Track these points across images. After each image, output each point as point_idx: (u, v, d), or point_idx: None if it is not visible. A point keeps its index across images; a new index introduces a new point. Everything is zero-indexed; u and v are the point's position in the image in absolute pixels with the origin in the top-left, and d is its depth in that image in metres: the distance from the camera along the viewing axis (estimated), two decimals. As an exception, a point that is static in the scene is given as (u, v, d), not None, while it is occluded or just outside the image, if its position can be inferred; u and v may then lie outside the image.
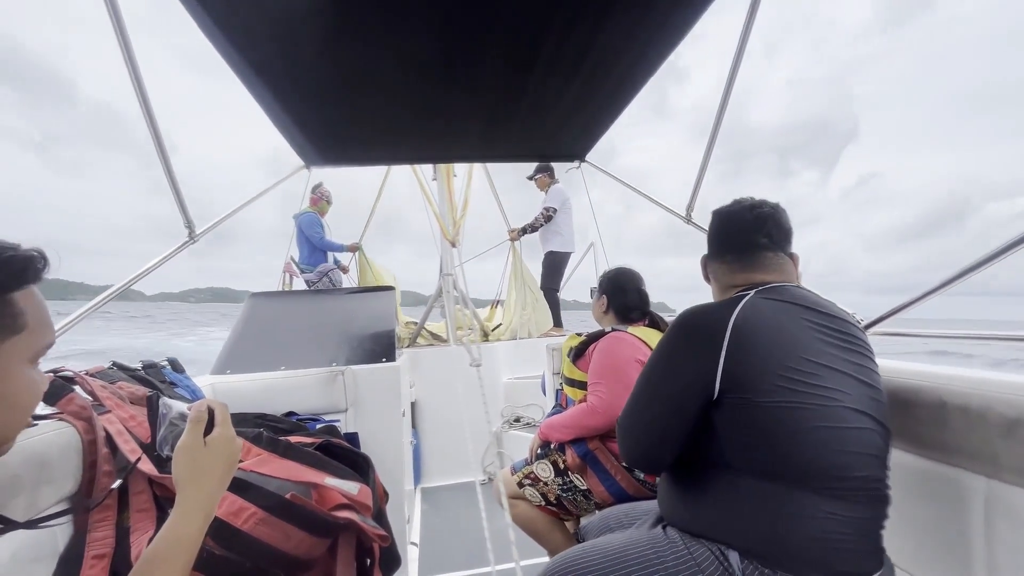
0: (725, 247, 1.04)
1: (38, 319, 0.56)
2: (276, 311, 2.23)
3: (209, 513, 0.66)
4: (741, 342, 0.82)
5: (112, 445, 0.99)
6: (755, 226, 1.01)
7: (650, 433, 0.92)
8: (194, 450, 0.66)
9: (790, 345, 0.83)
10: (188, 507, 0.64)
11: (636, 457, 0.97)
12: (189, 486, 0.65)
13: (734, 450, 0.83)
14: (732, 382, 0.82)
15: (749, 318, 0.85)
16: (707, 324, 0.88)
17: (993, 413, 0.84)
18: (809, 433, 0.78)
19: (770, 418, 0.79)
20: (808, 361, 0.82)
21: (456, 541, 2.36)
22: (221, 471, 0.68)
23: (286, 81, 1.37)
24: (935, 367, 1.01)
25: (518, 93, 1.54)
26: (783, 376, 0.80)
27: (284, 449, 1.15)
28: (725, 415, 0.83)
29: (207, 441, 0.68)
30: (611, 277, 1.74)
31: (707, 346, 0.84)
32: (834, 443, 0.79)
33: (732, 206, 1.06)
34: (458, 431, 3.18)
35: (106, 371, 1.23)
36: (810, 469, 0.78)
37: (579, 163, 2.34)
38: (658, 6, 1.15)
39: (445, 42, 1.24)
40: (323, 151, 1.97)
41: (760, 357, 0.81)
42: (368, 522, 1.11)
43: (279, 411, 1.60)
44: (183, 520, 0.63)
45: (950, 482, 0.94)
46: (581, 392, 1.62)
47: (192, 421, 0.68)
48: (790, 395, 0.79)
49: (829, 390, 0.81)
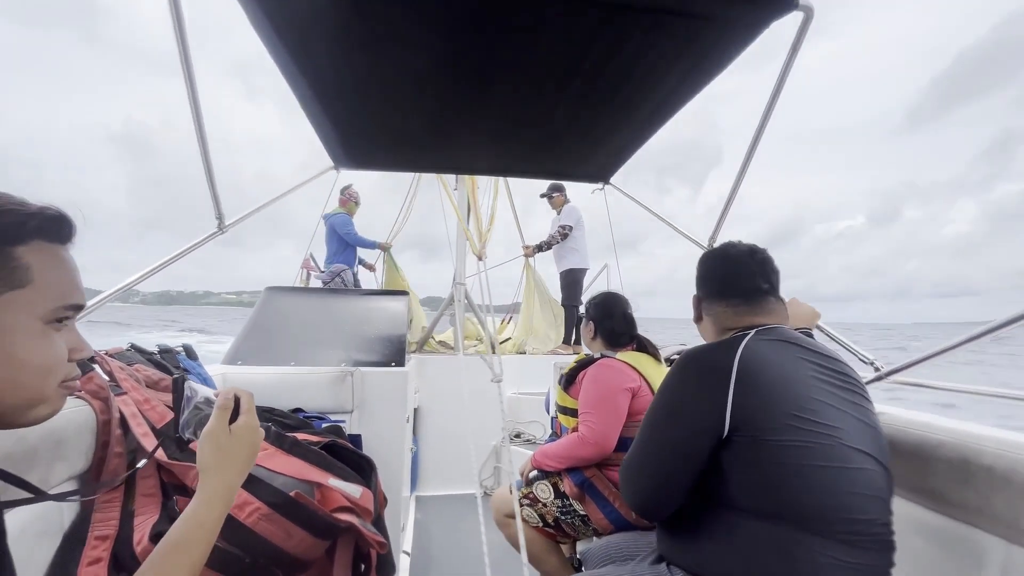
0: (729, 290, 1.04)
1: (49, 277, 0.54)
2: (291, 306, 2.25)
3: (229, 501, 0.65)
4: (747, 380, 0.83)
5: (125, 427, 1.00)
6: (760, 271, 1.03)
7: (656, 481, 0.91)
8: (220, 437, 0.66)
9: (793, 383, 0.83)
10: (210, 494, 0.63)
11: (639, 503, 0.95)
12: (213, 473, 0.65)
13: (740, 491, 0.82)
14: (741, 420, 0.81)
15: (753, 357, 0.85)
16: (712, 363, 0.88)
17: (1019, 475, 0.82)
18: (816, 472, 0.78)
19: (778, 457, 0.79)
20: (811, 399, 0.82)
21: (449, 553, 2.33)
22: (244, 460, 0.67)
23: (328, 83, 1.39)
24: (959, 423, 0.99)
25: (550, 111, 1.55)
26: (789, 414, 0.80)
27: (291, 445, 1.15)
28: (733, 454, 0.83)
29: (232, 429, 0.67)
30: (597, 303, 1.74)
31: (715, 385, 0.85)
32: (841, 483, 0.78)
33: (729, 249, 1.09)
34: (458, 442, 3.16)
35: (124, 352, 1.25)
36: (817, 510, 0.77)
37: (603, 185, 2.35)
38: (707, 35, 1.15)
39: (486, 54, 1.25)
40: (353, 154, 1.99)
41: (766, 395, 0.82)
42: (368, 527, 1.10)
43: (286, 406, 1.60)
44: (205, 506, 0.62)
45: (967, 542, 0.91)
46: (574, 420, 1.60)
47: (219, 407, 0.68)
48: (797, 433, 0.79)
49: (832, 428, 0.81)
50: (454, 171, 3.02)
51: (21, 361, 0.52)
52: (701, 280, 1.11)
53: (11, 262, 0.52)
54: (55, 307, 0.55)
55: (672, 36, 1.16)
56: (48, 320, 0.54)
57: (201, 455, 0.66)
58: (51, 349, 0.55)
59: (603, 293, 1.79)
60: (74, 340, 0.59)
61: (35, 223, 0.54)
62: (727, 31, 1.14)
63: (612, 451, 1.46)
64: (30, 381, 0.53)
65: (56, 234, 0.57)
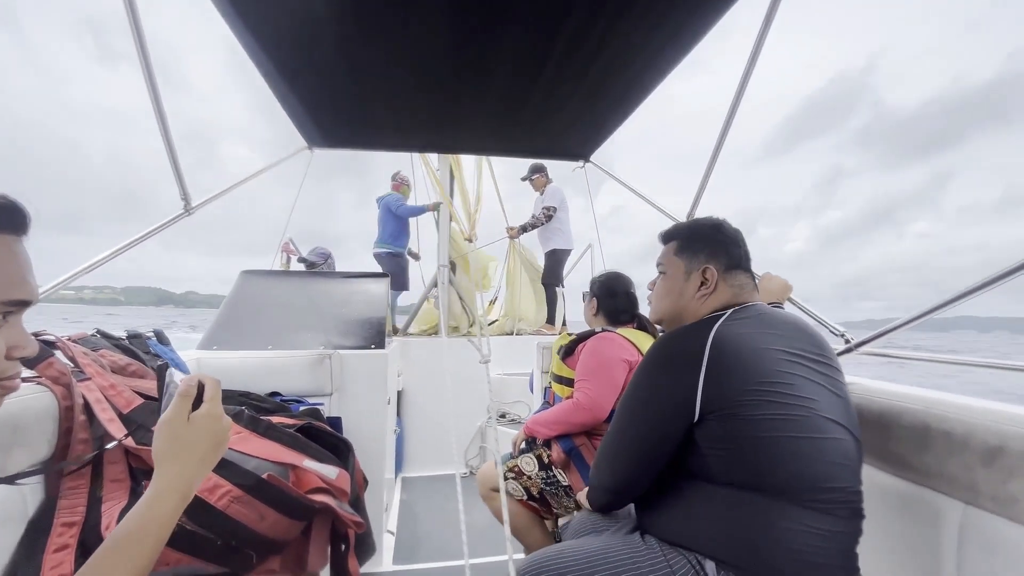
0: (746, 262, 1.02)
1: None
2: (268, 290, 2.21)
3: (186, 494, 0.62)
4: (719, 360, 0.83)
5: (90, 413, 0.98)
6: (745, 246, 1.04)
7: (631, 465, 0.92)
8: (176, 425, 0.63)
9: (765, 357, 0.84)
10: (163, 486, 0.60)
11: (615, 485, 0.95)
12: (167, 463, 0.61)
13: (716, 464, 0.83)
14: (714, 400, 0.82)
15: (725, 336, 0.85)
16: (684, 347, 0.88)
17: (975, 440, 0.84)
18: (790, 443, 0.79)
19: (752, 431, 0.80)
20: (784, 372, 0.83)
21: (433, 532, 2.36)
22: (203, 450, 0.64)
23: (294, 59, 1.35)
24: (921, 390, 1.01)
25: (529, 89, 1.53)
26: (761, 389, 0.81)
27: (265, 428, 1.14)
28: (707, 432, 0.84)
29: (191, 418, 0.64)
30: (602, 281, 1.77)
31: (685, 369, 0.85)
32: (815, 453, 0.79)
33: (726, 222, 1.06)
34: (443, 423, 3.17)
35: (89, 338, 1.22)
36: (792, 480, 0.79)
37: (584, 163, 2.33)
38: (677, 9, 1.14)
39: (460, 30, 1.22)
40: (327, 132, 1.95)
41: (739, 372, 0.82)
42: (344, 507, 1.11)
43: (263, 391, 1.59)
44: (157, 499, 0.60)
45: (927, 505, 0.94)
46: (569, 389, 1.63)
47: (179, 394, 0.65)
48: (771, 407, 0.80)
49: (806, 399, 0.82)
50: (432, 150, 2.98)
51: None
52: (719, 249, 1.02)
53: None
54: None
55: (644, 12, 1.15)
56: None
57: (156, 444, 0.63)
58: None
59: (607, 272, 1.82)
60: (15, 337, 0.56)
61: None
62: (698, 6, 1.13)
63: (604, 419, 1.49)
64: None
65: (8, 225, 0.54)
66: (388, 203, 4.51)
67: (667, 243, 1.10)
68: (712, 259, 1.02)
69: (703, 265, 1.01)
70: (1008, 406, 0.85)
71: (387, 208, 4.51)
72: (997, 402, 0.87)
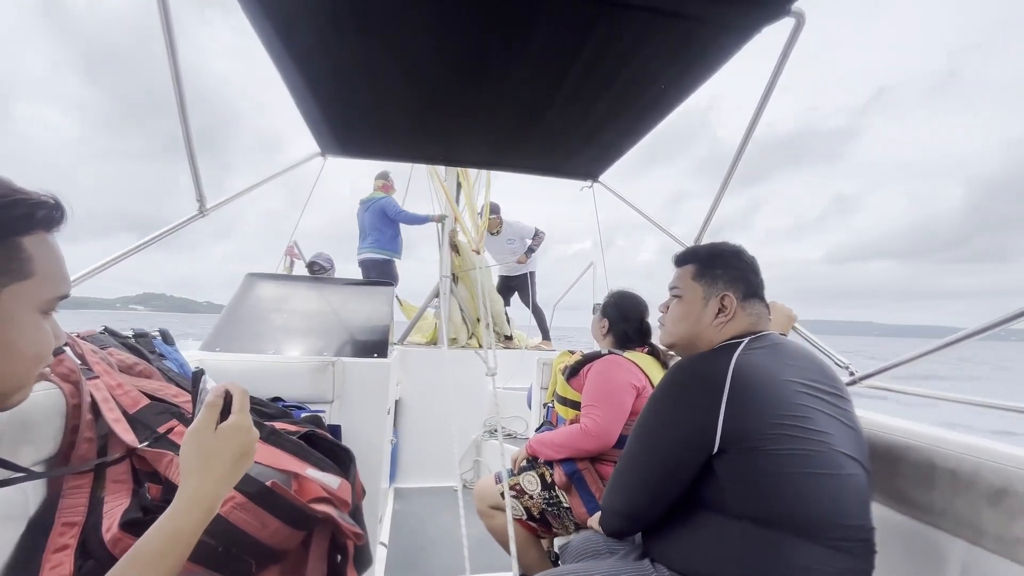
0: (762, 290, 1.01)
1: (49, 267, 0.55)
2: (272, 294, 2.21)
3: (211, 508, 0.60)
4: (740, 393, 0.82)
5: (96, 411, 0.98)
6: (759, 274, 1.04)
7: (645, 494, 0.90)
8: (204, 436, 0.61)
9: (784, 391, 0.83)
10: (188, 499, 0.59)
11: (628, 512, 0.93)
12: (193, 476, 0.60)
13: (733, 497, 0.82)
14: (734, 434, 0.81)
15: (744, 367, 0.84)
16: (704, 378, 0.86)
17: (981, 480, 0.84)
18: (809, 480, 0.78)
19: (773, 466, 0.79)
20: (802, 406, 0.82)
21: (427, 545, 2.34)
22: (230, 463, 0.62)
23: (318, 68, 1.37)
24: (927, 427, 1.02)
25: (543, 107, 1.55)
26: (782, 423, 0.80)
27: (268, 434, 1.14)
28: (727, 465, 0.82)
29: (219, 429, 0.62)
30: (616, 302, 1.73)
31: (706, 401, 0.83)
32: (833, 490, 0.79)
33: (744, 249, 1.05)
34: (438, 435, 3.15)
35: (97, 335, 1.22)
36: (810, 518, 0.77)
37: (592, 183, 2.36)
38: (700, 37, 1.16)
39: (479, 48, 1.24)
40: (342, 141, 1.97)
41: (759, 405, 0.81)
42: (345, 518, 1.10)
43: (265, 395, 1.58)
44: (181, 514, 0.58)
45: (930, 542, 0.94)
46: (573, 412, 1.61)
47: (207, 404, 0.63)
48: (791, 442, 0.79)
49: (824, 434, 0.81)
50: (442, 162, 3.00)
51: (21, 351, 0.53)
52: (739, 277, 1.01)
53: (20, 253, 0.52)
54: (52, 298, 0.55)
55: (665, 37, 1.17)
56: (44, 310, 0.55)
57: (183, 456, 0.61)
58: (45, 338, 0.56)
59: (623, 293, 1.76)
60: (55, 328, 0.59)
61: (43, 213, 0.54)
62: (719, 34, 1.15)
63: (612, 446, 1.47)
64: (22, 370, 0.54)
65: (50, 222, 0.56)
66: (384, 206, 4.23)
67: (682, 266, 1.08)
68: (731, 286, 1.00)
69: (723, 292, 1.00)
70: (1014, 448, 0.85)
71: (382, 212, 4.23)
72: (1003, 443, 0.88)
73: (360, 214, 4.35)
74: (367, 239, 4.25)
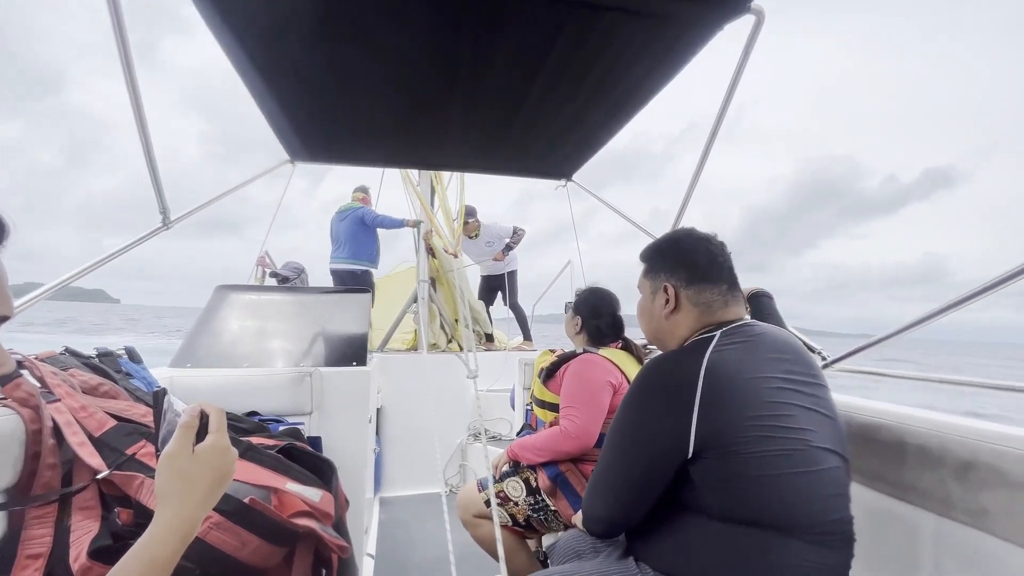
0: (717, 274, 0.96)
1: None
2: (244, 306, 2.16)
3: (189, 534, 0.58)
4: (713, 395, 0.79)
5: (59, 436, 0.93)
6: (729, 257, 0.99)
7: (623, 500, 0.88)
8: (180, 460, 0.58)
9: (760, 388, 0.81)
10: (165, 526, 0.56)
11: (608, 518, 0.91)
12: (170, 501, 0.57)
13: (713, 499, 0.81)
14: (709, 438, 0.79)
15: (718, 366, 0.82)
16: (676, 380, 0.84)
17: (949, 454, 0.88)
18: (788, 480, 0.77)
19: (751, 468, 0.77)
20: (780, 403, 0.81)
21: (414, 554, 2.30)
22: (208, 487, 0.60)
23: (280, 71, 1.34)
24: (897, 406, 1.05)
25: (515, 108, 1.55)
26: (758, 424, 0.78)
27: (244, 450, 1.11)
28: (702, 469, 0.81)
29: (196, 451, 0.60)
30: (587, 298, 1.72)
31: (678, 406, 0.81)
32: (813, 488, 0.78)
33: (698, 233, 1.02)
34: (422, 441, 3.12)
35: (58, 357, 1.16)
36: (791, 517, 0.77)
37: (566, 182, 2.37)
38: (665, 34, 1.18)
39: (448, 49, 1.24)
40: (310, 146, 1.93)
41: (734, 406, 0.79)
42: (328, 531, 1.07)
43: (241, 410, 1.54)
44: (158, 541, 0.55)
45: (902, 518, 0.98)
46: (552, 414, 1.60)
47: (182, 426, 0.60)
48: (769, 443, 0.78)
49: (801, 431, 0.80)
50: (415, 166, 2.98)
51: None
52: (679, 264, 0.98)
53: None
54: None
55: (632, 35, 1.19)
56: None
57: (158, 481, 0.58)
58: None
59: (593, 289, 1.75)
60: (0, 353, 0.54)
61: None
62: (684, 31, 1.17)
63: (593, 446, 1.46)
64: None
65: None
66: (363, 215, 4.19)
67: (642, 264, 1.08)
68: (671, 275, 0.98)
69: (663, 283, 0.99)
70: (979, 422, 0.89)
71: (360, 221, 4.18)
72: (969, 418, 0.91)
73: (335, 224, 4.28)
74: (343, 249, 4.20)
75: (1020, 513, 0.79)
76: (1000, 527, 0.81)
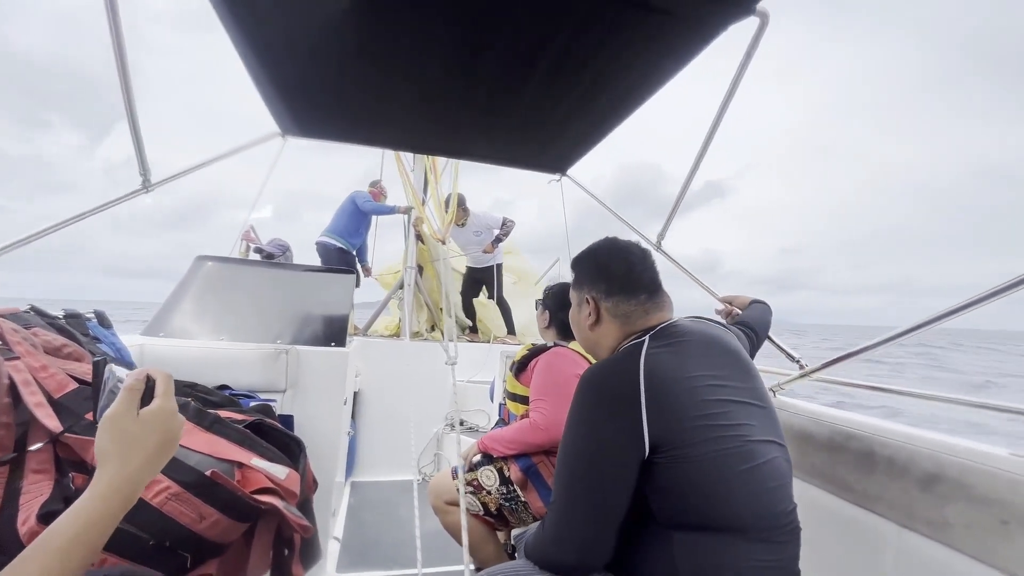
0: (635, 285, 0.96)
1: None
2: (224, 278, 2.11)
3: (130, 496, 0.57)
4: (656, 398, 0.78)
5: (16, 395, 0.90)
6: (651, 265, 1.00)
7: (596, 522, 0.81)
8: (124, 421, 0.57)
9: (697, 389, 0.80)
10: (105, 486, 0.54)
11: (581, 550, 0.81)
12: (111, 462, 0.56)
13: (661, 506, 0.80)
14: (659, 438, 0.77)
15: (655, 368, 0.81)
16: (618, 388, 0.81)
17: (916, 466, 0.89)
18: (734, 478, 0.77)
19: (696, 472, 0.77)
20: (715, 402, 0.80)
21: (381, 539, 2.29)
22: (153, 450, 0.58)
23: (276, 43, 1.30)
24: (868, 417, 1.06)
25: (513, 97, 1.53)
26: (699, 425, 0.78)
27: (211, 423, 1.08)
28: (652, 473, 0.79)
29: (141, 413, 0.59)
30: (554, 292, 1.73)
31: (626, 411, 0.79)
32: (754, 483, 0.78)
33: (619, 243, 1.03)
34: (398, 427, 3.10)
35: (21, 314, 1.12)
36: (736, 517, 0.77)
37: (560, 176, 2.35)
38: (666, 32, 1.17)
39: (452, 31, 1.21)
40: (303, 121, 1.89)
41: (674, 411, 0.78)
42: (292, 510, 1.05)
43: (212, 383, 1.50)
44: (97, 500, 0.54)
45: (865, 527, 0.99)
46: (523, 407, 1.60)
47: (127, 388, 0.59)
48: (712, 443, 0.77)
49: (739, 427, 0.80)
50: (409, 149, 2.94)
51: None
52: (598, 276, 1.00)
53: None
54: None
55: (633, 30, 1.17)
56: None
57: (99, 441, 0.57)
58: None
59: (560, 284, 1.77)
60: None
61: None
62: (686, 29, 1.16)
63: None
64: None
65: None
66: (355, 197, 4.33)
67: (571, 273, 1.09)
68: (592, 287, 1.00)
69: (585, 295, 1.01)
70: (947, 436, 0.90)
71: (352, 202, 4.33)
72: (937, 432, 0.92)
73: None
74: (331, 224, 4.36)
75: (981, 527, 0.80)
76: (960, 540, 0.82)
